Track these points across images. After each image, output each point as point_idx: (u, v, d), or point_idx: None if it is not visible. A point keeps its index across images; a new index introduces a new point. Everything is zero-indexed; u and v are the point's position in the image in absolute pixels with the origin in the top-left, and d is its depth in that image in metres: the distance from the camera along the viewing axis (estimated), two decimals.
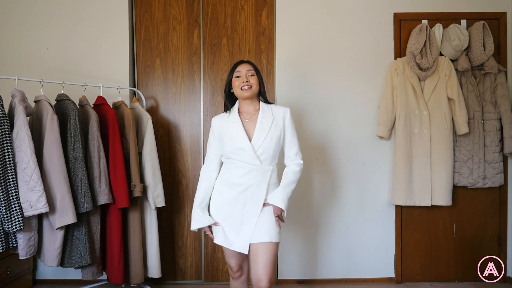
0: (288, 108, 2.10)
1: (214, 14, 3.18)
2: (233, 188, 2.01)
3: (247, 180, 1.99)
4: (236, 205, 2.01)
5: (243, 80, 2.02)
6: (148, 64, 3.19)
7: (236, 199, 2.00)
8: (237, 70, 2.07)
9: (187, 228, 3.19)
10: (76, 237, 2.48)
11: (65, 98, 2.53)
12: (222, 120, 2.10)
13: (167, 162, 3.19)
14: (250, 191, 1.99)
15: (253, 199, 1.99)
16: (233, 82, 2.07)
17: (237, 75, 2.06)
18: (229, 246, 2.01)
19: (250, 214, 1.99)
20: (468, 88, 3.06)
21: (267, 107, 2.08)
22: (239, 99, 2.09)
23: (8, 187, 2.17)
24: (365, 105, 3.18)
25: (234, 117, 2.06)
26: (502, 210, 3.18)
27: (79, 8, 3.14)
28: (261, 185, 2.00)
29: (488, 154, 3.03)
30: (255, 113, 2.07)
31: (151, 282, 3.10)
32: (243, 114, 2.08)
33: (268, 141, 1.99)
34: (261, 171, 1.99)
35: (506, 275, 3.17)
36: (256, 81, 2.05)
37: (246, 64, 2.09)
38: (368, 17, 3.18)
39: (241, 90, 2.03)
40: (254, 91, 2.04)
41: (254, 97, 2.08)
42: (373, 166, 3.18)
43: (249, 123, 2.05)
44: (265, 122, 2.02)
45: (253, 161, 1.98)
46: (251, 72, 2.05)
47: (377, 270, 3.19)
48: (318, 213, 3.19)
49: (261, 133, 2.00)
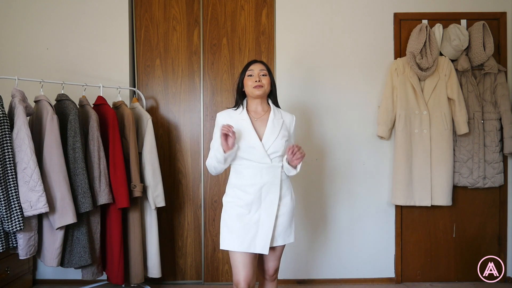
0: (294, 115, 2.15)
1: (214, 14, 3.18)
2: (246, 191, 1.99)
3: (259, 179, 1.97)
4: (252, 206, 1.99)
5: (256, 79, 2.03)
6: (148, 64, 3.19)
7: (251, 200, 1.98)
8: (250, 68, 2.07)
9: (187, 228, 3.19)
10: (76, 237, 2.48)
11: (65, 98, 2.53)
12: (228, 116, 2.08)
13: (167, 162, 3.19)
14: (265, 190, 1.98)
15: (268, 197, 1.98)
16: (245, 80, 2.08)
17: (250, 74, 2.06)
18: (247, 250, 1.95)
19: (267, 214, 1.97)
20: (468, 88, 3.06)
21: (277, 110, 2.10)
22: (249, 98, 2.09)
23: (8, 187, 2.17)
24: (365, 105, 3.18)
25: (243, 115, 2.05)
26: (502, 210, 3.18)
27: (79, 8, 3.14)
28: (275, 182, 1.99)
29: (488, 154, 3.03)
30: (264, 114, 2.08)
31: (151, 282, 3.10)
32: (251, 113, 2.08)
33: (279, 140, 2.00)
34: (272, 169, 1.99)
35: (506, 275, 3.17)
36: (268, 81, 2.06)
37: (259, 64, 2.10)
38: (368, 17, 3.18)
39: (253, 89, 2.03)
40: (265, 91, 2.05)
41: (264, 98, 2.09)
42: (373, 166, 3.18)
43: (259, 122, 2.05)
44: (276, 123, 2.04)
45: (264, 159, 1.97)
46: (264, 72, 2.06)
47: (377, 270, 3.19)
48: (318, 213, 3.19)
49: (272, 133, 2.00)
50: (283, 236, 2.02)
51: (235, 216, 1.99)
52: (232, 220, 1.99)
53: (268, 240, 1.96)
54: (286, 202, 2.03)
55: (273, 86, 2.11)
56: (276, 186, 1.99)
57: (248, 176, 1.99)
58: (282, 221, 2.01)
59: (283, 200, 2.02)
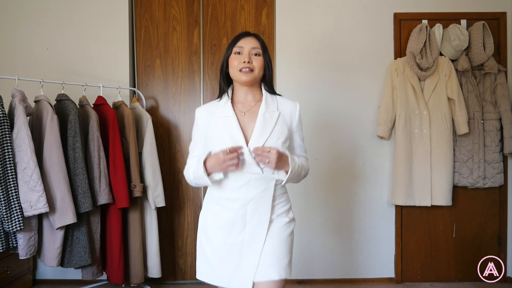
0: (297, 102, 1.64)
1: (214, 14, 3.18)
2: (227, 207, 1.53)
3: (245, 193, 1.51)
4: (233, 228, 1.53)
5: (244, 59, 1.52)
6: (148, 64, 3.19)
7: (233, 220, 1.52)
8: (238, 44, 1.55)
9: (187, 228, 3.19)
10: (76, 237, 2.48)
11: (65, 98, 2.53)
12: (209, 113, 1.58)
13: (167, 162, 3.19)
14: (251, 208, 1.51)
15: (255, 217, 1.52)
16: (231, 59, 1.55)
17: (238, 51, 1.54)
18: (227, 285, 1.52)
19: (253, 239, 1.52)
20: (468, 88, 3.06)
21: (272, 99, 1.59)
22: (235, 84, 1.60)
23: (8, 187, 2.17)
24: (365, 105, 3.18)
25: (226, 109, 1.55)
26: (502, 210, 3.18)
27: (79, 8, 3.14)
28: (265, 197, 1.52)
29: (488, 154, 3.03)
30: (255, 105, 1.58)
31: (151, 282, 3.10)
32: (238, 105, 1.58)
33: (273, 141, 1.50)
34: (263, 180, 1.52)
35: (506, 275, 3.17)
36: (261, 63, 1.55)
37: (252, 38, 1.56)
38: (368, 17, 3.18)
39: (239, 72, 1.52)
40: (256, 76, 1.54)
41: (255, 84, 1.59)
42: (373, 166, 3.18)
43: (247, 117, 1.55)
44: (268, 117, 1.54)
45: (252, 167, 1.49)
46: (257, 51, 1.54)
47: (377, 270, 3.19)
48: (318, 213, 3.19)
49: (263, 131, 1.51)
50: (274, 269, 1.49)
51: (214, 239, 1.55)
52: (210, 244, 1.57)
53: (252, 273, 1.49)
54: (281, 223, 1.55)
55: (268, 70, 1.59)
56: (267, 202, 1.52)
57: (230, 189, 1.52)
58: (273, 248, 1.51)
59: (276, 221, 1.55)
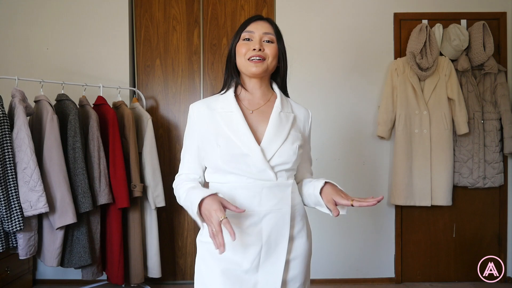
0: (309, 110, 1.42)
1: (214, 14, 3.18)
2: (236, 224, 1.21)
3: (257, 205, 1.22)
4: (245, 254, 1.22)
5: (255, 46, 1.25)
6: (148, 64, 3.19)
7: (242, 243, 1.22)
8: (248, 29, 1.29)
9: (187, 228, 3.19)
10: (76, 237, 2.48)
11: (65, 98, 2.53)
12: (207, 109, 1.30)
13: (167, 162, 3.18)
14: (266, 225, 1.23)
15: (272, 238, 1.23)
16: (239, 47, 1.29)
17: (247, 37, 1.28)
18: None
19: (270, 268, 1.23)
20: (468, 88, 3.06)
21: (286, 100, 1.36)
22: (243, 77, 1.33)
23: (8, 187, 2.17)
24: (365, 105, 3.18)
25: (228, 104, 1.29)
26: (502, 210, 3.18)
27: (79, 8, 3.14)
28: (283, 210, 1.25)
29: (488, 154, 3.03)
30: (265, 104, 1.32)
31: (151, 282, 3.10)
32: (244, 102, 1.32)
33: (289, 145, 1.26)
34: (277, 188, 1.25)
35: (506, 275, 3.17)
36: (275, 51, 1.29)
37: (264, 22, 1.30)
38: (368, 17, 3.18)
39: (247, 62, 1.27)
40: (268, 66, 1.28)
41: (265, 79, 1.33)
42: (373, 166, 3.18)
43: (255, 116, 1.30)
44: (284, 118, 1.30)
45: (264, 174, 1.22)
46: (269, 37, 1.28)
47: (377, 270, 3.19)
48: (317, 213, 3.18)
49: (278, 133, 1.26)
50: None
51: (219, 272, 1.22)
52: (214, 278, 1.23)
53: None
54: (301, 243, 1.30)
55: (283, 62, 1.33)
56: (285, 219, 1.25)
57: (238, 202, 1.22)
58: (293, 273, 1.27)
59: (296, 240, 1.29)
